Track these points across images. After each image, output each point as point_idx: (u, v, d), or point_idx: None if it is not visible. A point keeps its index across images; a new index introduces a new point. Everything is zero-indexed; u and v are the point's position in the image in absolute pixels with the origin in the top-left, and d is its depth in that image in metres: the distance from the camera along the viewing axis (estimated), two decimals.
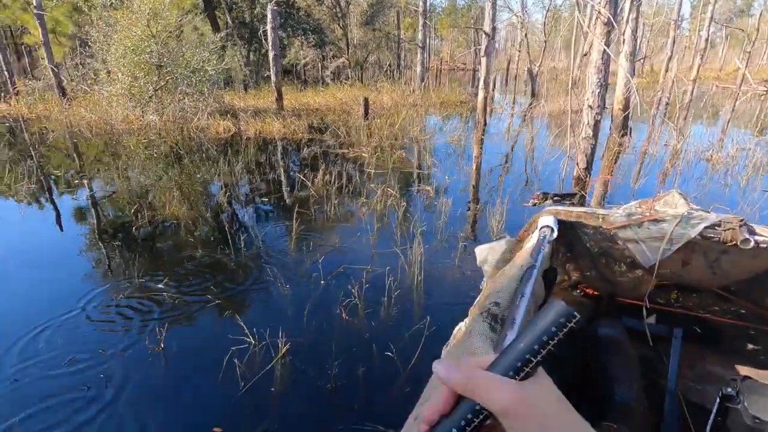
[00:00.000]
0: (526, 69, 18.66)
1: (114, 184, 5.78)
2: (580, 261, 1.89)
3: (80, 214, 4.85)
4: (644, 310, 1.67)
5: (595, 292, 2.05)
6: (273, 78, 11.49)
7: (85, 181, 5.88)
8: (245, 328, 2.68)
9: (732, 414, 1.25)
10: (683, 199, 1.58)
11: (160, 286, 3.25)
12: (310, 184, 5.49)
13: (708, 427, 1.24)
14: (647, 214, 1.53)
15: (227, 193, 5.31)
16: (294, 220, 4.10)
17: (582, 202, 5.31)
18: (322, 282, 3.34)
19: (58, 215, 4.85)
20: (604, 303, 1.99)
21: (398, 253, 3.67)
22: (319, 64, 23.84)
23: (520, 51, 25.39)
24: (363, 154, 7.20)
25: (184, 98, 10.45)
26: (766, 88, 18.85)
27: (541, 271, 1.29)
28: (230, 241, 3.94)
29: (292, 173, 6.18)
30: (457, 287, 3.38)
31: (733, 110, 14.79)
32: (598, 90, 5.54)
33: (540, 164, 6.89)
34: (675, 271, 1.69)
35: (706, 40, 18.27)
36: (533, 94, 15.27)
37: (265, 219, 4.76)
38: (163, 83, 10.26)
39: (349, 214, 4.76)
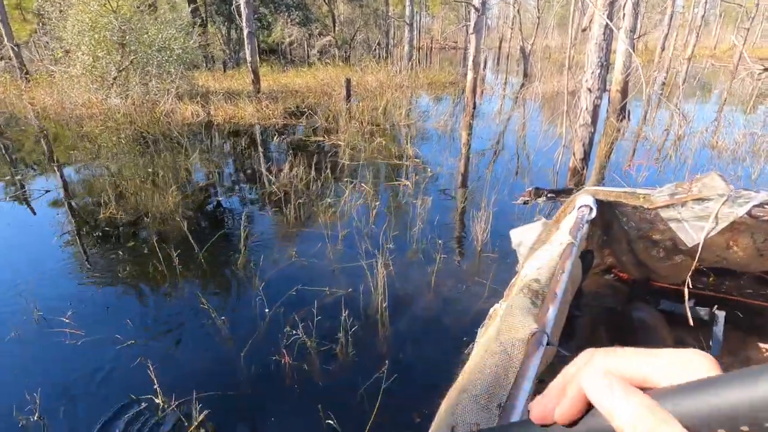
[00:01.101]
0: (518, 48, 17.76)
1: (51, 181, 5.06)
2: (616, 244, 1.81)
3: None
4: (686, 292, 1.58)
5: (630, 277, 1.97)
6: (248, 58, 10.58)
7: (18, 178, 5.14)
8: (156, 381, 2.06)
9: None
10: (723, 181, 1.46)
11: (62, 319, 2.60)
12: (273, 180, 4.80)
13: None
14: (691, 192, 1.45)
15: (174, 193, 4.61)
16: (243, 230, 3.43)
17: None
18: (267, 311, 2.71)
19: None
20: (640, 287, 1.91)
21: (364, 269, 3.04)
22: (305, 43, 22.68)
23: (512, 29, 24.35)
24: (339, 143, 6.49)
25: (151, 80, 9.58)
26: (763, 67, 18.15)
27: (579, 251, 1.26)
28: (162, 261, 3.28)
29: (255, 167, 5.47)
30: (429, 317, 2.77)
31: (729, 89, 14.15)
32: (599, 71, 4.85)
33: (533, 152, 6.24)
34: (718, 253, 1.61)
35: (702, 16, 17.45)
36: (525, 75, 14.46)
37: (212, 227, 4.05)
38: (127, 63, 9.37)
39: (314, 218, 4.10)
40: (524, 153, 6.32)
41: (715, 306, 1.67)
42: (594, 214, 1.45)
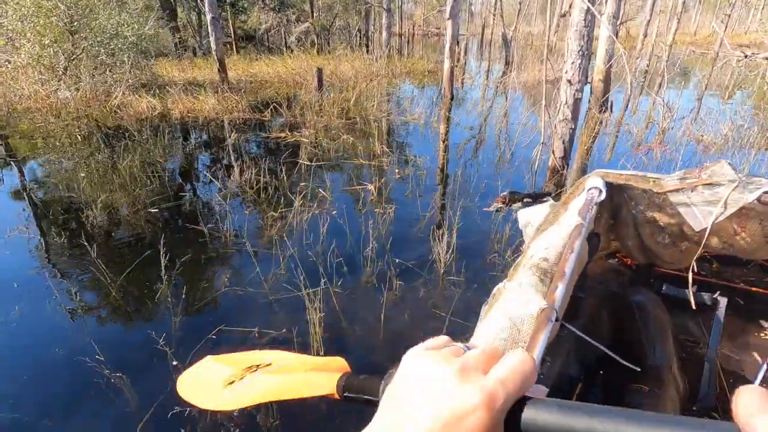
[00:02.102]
0: (500, 34, 17.15)
1: None
2: (623, 228, 1.79)
3: None
4: (690, 277, 1.56)
5: (634, 262, 1.96)
6: (213, 46, 9.81)
7: None
8: None
9: None
10: (732, 169, 1.42)
11: None
12: (219, 188, 4.22)
13: None
14: (702, 177, 1.42)
15: (93, 209, 4.00)
16: (163, 256, 2.86)
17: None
18: (174, 365, 2.18)
19: None
20: (643, 272, 1.93)
21: (304, 301, 2.53)
22: (283, 30, 21.69)
23: (494, 15, 23.66)
24: (304, 140, 5.90)
25: (106, 70, 8.78)
26: (743, 54, 17.91)
27: (587, 232, 1.24)
28: (57, 295, 2.71)
29: (202, 170, 4.86)
30: (374, 365, 2.27)
31: (710, 76, 13.83)
32: (579, 60, 4.34)
33: (512, 148, 5.74)
34: (725, 239, 1.59)
35: (683, 2, 17.05)
36: (507, 63, 13.91)
37: (132, 251, 3.42)
38: (79, 52, 8.55)
39: (258, 234, 3.55)
40: (503, 149, 5.82)
41: (718, 292, 1.66)
42: (603, 196, 1.44)
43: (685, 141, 6.00)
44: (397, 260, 3.10)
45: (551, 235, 1.21)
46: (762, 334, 1.69)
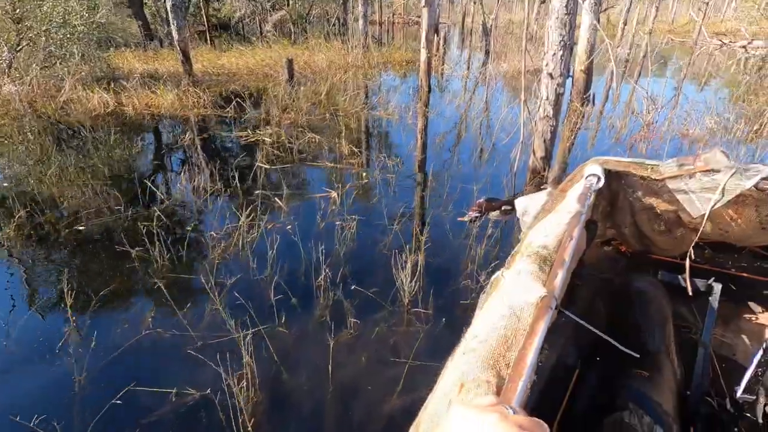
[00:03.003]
0: (481, 22, 16.62)
1: None
2: (620, 216, 1.76)
3: None
4: (687, 264, 1.56)
5: (629, 249, 1.95)
6: (175, 35, 9.07)
7: None
8: None
9: None
10: (726, 157, 1.40)
11: None
12: (161, 198, 3.69)
13: (746, 377, 1.21)
14: (700, 164, 1.40)
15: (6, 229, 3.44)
16: (68, 294, 2.35)
17: None
18: None
19: None
20: (638, 259, 1.91)
21: (241, 346, 2.07)
22: (258, 18, 20.73)
23: (475, 2, 23.07)
24: (265, 139, 5.36)
25: (56, 63, 8.01)
26: (721, 42, 17.78)
27: (585, 220, 1.24)
28: None
29: (147, 177, 4.28)
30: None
31: (689, 65, 13.61)
32: (561, 52, 3.90)
33: (491, 146, 5.31)
34: (721, 226, 1.58)
35: None
36: (487, 53, 13.42)
37: (46, 281, 2.94)
38: (25, 43, 7.77)
39: (198, 257, 3.05)
40: (480, 147, 5.38)
41: (712, 278, 1.66)
42: (602, 183, 1.43)
43: (670, 136, 5.66)
44: (356, 288, 2.65)
45: (549, 223, 1.20)
46: (754, 319, 1.71)
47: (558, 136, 5.21)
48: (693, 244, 1.54)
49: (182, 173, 4.10)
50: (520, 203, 1.75)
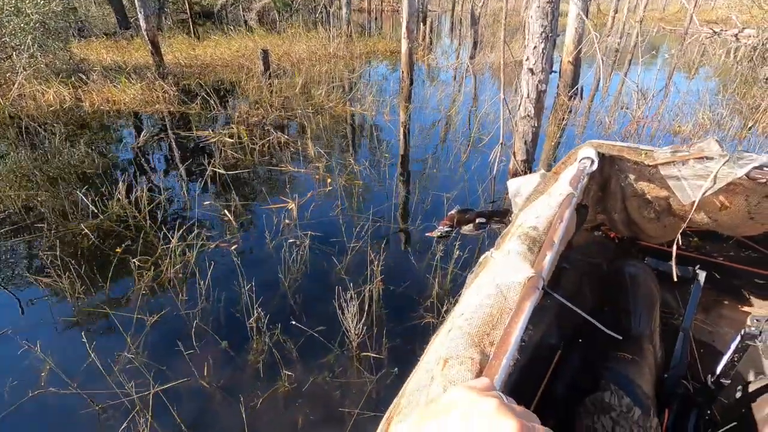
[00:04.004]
0: (470, 10, 16.00)
1: None
2: (610, 201, 1.74)
3: None
4: (674, 251, 1.53)
5: (617, 235, 1.95)
6: (142, 24, 8.46)
7: None
8: None
9: (751, 351, 1.28)
10: (720, 147, 1.40)
11: None
12: (94, 212, 3.23)
13: (723, 362, 1.25)
14: (693, 151, 1.40)
15: None
16: None
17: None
18: None
19: None
20: (626, 245, 1.91)
21: (147, 409, 1.66)
22: (241, 6, 19.89)
23: None
24: (227, 139, 4.89)
25: (12, 54, 7.40)
26: (712, 31, 17.34)
27: (577, 203, 1.23)
28: None
29: (80, 186, 3.78)
30: None
31: (682, 54, 13.19)
32: (543, 45, 3.47)
33: (469, 149, 4.89)
34: (710, 214, 1.56)
35: None
36: (475, 44, 12.88)
37: None
38: None
39: (119, 290, 2.62)
40: (457, 150, 4.95)
41: (698, 266, 1.65)
42: (595, 166, 1.42)
43: (662, 133, 5.27)
44: (299, 326, 2.25)
45: (541, 205, 1.20)
46: (735, 307, 1.73)
47: (542, 136, 4.81)
48: (681, 231, 1.54)
49: (125, 181, 3.65)
50: (512, 184, 1.73)
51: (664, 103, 6.12)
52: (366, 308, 2.24)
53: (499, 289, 0.83)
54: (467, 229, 3.18)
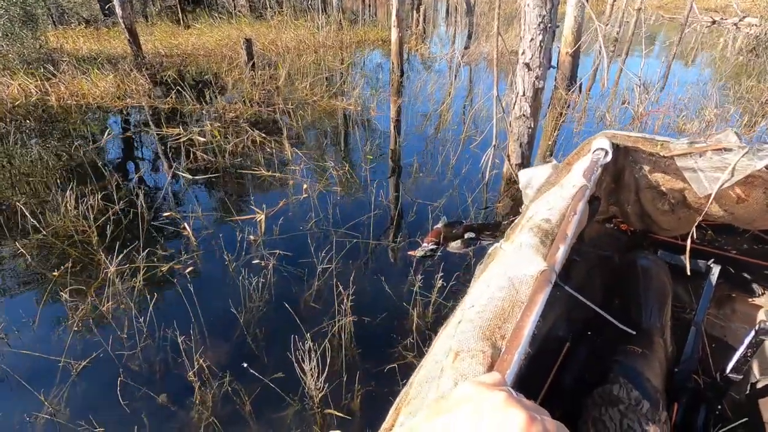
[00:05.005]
0: None
1: None
2: (623, 193, 1.68)
3: None
4: (689, 244, 1.46)
5: (630, 228, 1.89)
6: (118, 12, 7.93)
7: None
8: None
9: (764, 347, 1.29)
10: (738, 138, 1.37)
11: None
12: (37, 226, 2.84)
13: (735, 357, 1.23)
14: (711, 143, 1.33)
15: None
16: None
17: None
18: None
19: None
20: (638, 238, 1.86)
21: None
22: None
23: None
24: (199, 138, 4.47)
25: None
26: (712, 19, 16.84)
27: (590, 194, 1.20)
28: None
29: (27, 194, 3.37)
30: None
31: (686, 44, 12.73)
32: (541, 37, 3.07)
33: (460, 150, 4.50)
34: (726, 207, 1.48)
35: None
36: (470, 35, 12.36)
37: None
38: None
39: (52, 325, 2.25)
40: (446, 151, 4.55)
41: (712, 260, 1.65)
42: (609, 158, 1.36)
43: (666, 132, 4.91)
44: (254, 373, 1.90)
45: (553, 197, 1.17)
46: (748, 302, 1.69)
47: (538, 136, 4.43)
48: (696, 225, 1.50)
49: (78, 188, 3.25)
50: (523, 175, 1.71)
51: (670, 98, 5.74)
52: (336, 347, 1.88)
53: (511, 282, 0.81)
54: (455, 246, 2.82)
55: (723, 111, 5.17)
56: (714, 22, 17.00)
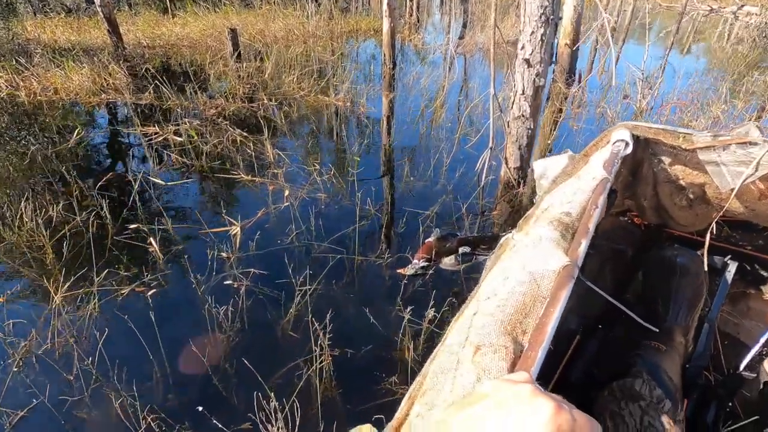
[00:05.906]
0: None
1: None
2: (640, 186, 1.64)
3: None
4: (707, 240, 1.42)
5: (645, 222, 1.84)
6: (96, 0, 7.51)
7: None
8: None
9: None
10: (760, 133, 1.33)
11: None
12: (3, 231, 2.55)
13: (750, 355, 1.22)
14: (735, 135, 1.28)
15: None
16: None
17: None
18: None
19: None
20: (653, 232, 1.83)
21: None
22: None
23: None
24: (175, 138, 4.15)
25: None
26: (710, 8, 16.49)
27: (609, 187, 1.17)
28: None
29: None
30: None
31: (677, 32, 12.40)
32: (543, 30, 2.77)
33: (453, 152, 4.22)
34: (747, 203, 1.44)
35: None
36: (465, 24, 11.95)
37: None
38: None
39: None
40: (439, 153, 4.27)
41: (729, 256, 1.60)
42: (629, 149, 1.32)
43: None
44: (216, 422, 1.64)
45: (571, 189, 1.14)
46: (764, 300, 1.64)
47: (536, 138, 4.15)
48: (708, 223, 1.46)
49: (38, 197, 2.95)
50: (538, 165, 1.67)
51: (674, 92, 5.47)
52: (312, 389, 1.63)
53: (532, 276, 0.78)
54: (448, 262, 2.57)
55: (729, 107, 4.91)
56: (712, 10, 16.66)
